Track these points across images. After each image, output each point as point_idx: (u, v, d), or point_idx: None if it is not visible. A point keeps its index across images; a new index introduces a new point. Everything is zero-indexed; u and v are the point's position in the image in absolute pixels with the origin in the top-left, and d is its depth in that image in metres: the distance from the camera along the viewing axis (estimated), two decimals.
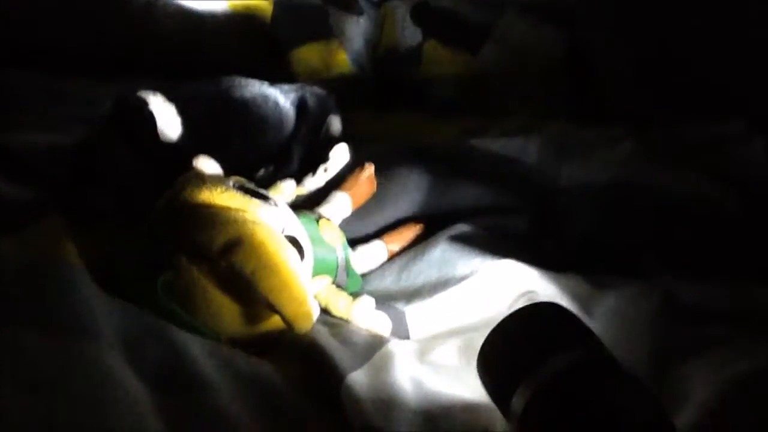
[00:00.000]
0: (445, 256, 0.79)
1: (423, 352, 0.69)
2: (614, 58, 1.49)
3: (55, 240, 0.64)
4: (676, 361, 0.68)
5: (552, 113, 1.30)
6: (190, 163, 0.78)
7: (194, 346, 0.60)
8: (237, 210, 0.67)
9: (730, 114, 1.25)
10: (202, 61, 1.19)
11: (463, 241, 0.81)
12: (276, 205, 0.72)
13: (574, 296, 0.75)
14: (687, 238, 0.88)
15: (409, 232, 0.86)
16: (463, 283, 0.76)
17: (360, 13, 1.49)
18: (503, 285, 0.75)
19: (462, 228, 0.83)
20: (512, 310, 0.62)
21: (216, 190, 0.68)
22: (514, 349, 0.58)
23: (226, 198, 0.68)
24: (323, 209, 0.83)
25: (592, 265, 0.82)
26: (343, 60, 1.40)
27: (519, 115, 1.26)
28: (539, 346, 0.56)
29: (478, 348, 0.60)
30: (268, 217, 0.68)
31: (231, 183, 0.71)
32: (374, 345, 0.69)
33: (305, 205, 0.84)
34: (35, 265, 0.60)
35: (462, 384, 0.64)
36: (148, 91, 0.85)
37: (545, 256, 0.80)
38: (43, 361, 0.50)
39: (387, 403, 0.60)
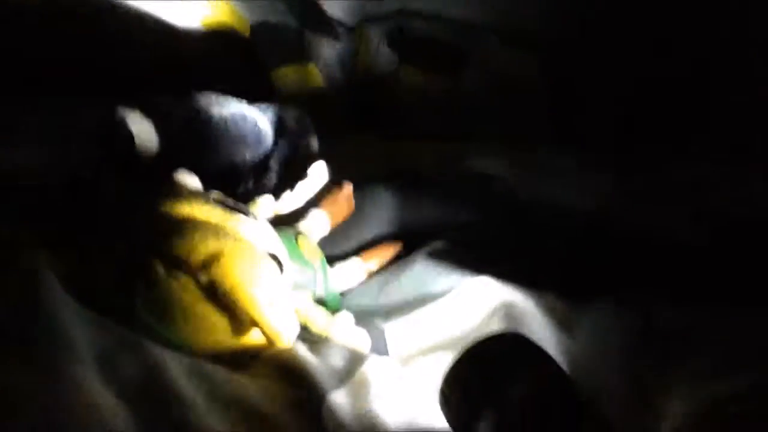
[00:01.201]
0: (422, 273, 0.80)
1: (402, 370, 0.69)
2: (595, 87, 1.52)
3: (28, 249, 0.63)
4: (654, 381, 0.69)
5: (531, 140, 1.32)
6: (169, 178, 0.77)
7: (172, 362, 0.59)
8: (217, 224, 0.67)
9: (704, 146, 1.29)
10: (180, 77, 1.19)
11: (441, 257, 0.81)
12: (255, 219, 0.71)
13: (551, 314, 0.76)
14: (662, 267, 0.90)
15: (387, 251, 0.86)
16: (441, 299, 0.76)
17: (336, 37, 1.50)
18: (480, 301, 0.76)
19: (439, 245, 0.84)
20: (487, 327, 0.62)
21: (196, 203, 0.68)
22: (474, 379, 0.58)
23: (206, 212, 0.67)
24: (302, 226, 0.83)
25: (569, 285, 0.83)
26: (319, 83, 1.41)
27: (497, 141, 1.27)
28: (498, 377, 0.56)
29: None
30: (248, 232, 0.68)
31: (211, 197, 0.70)
32: (354, 363, 0.68)
33: (284, 222, 0.84)
34: (5, 275, 0.58)
35: None
36: (125, 107, 0.85)
37: (522, 274, 0.80)
38: (12, 374, 0.49)
39: (369, 427, 0.60)
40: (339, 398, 0.62)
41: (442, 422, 0.62)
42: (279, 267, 0.69)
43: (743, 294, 0.84)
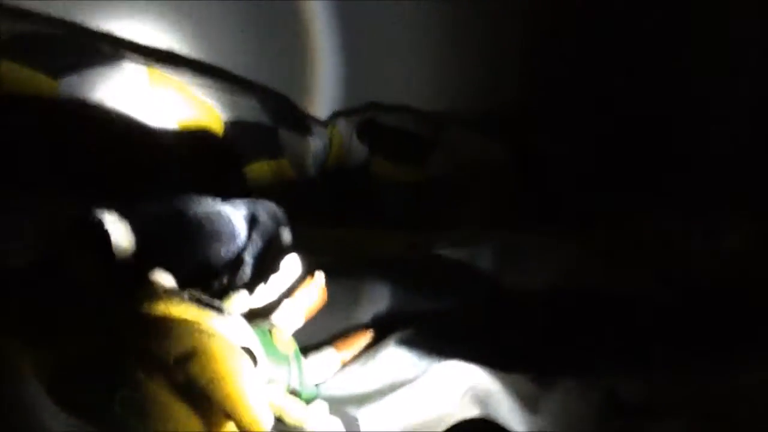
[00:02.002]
0: (394, 360, 0.82)
1: None
2: (559, 160, 1.58)
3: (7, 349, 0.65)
4: None
5: (500, 217, 1.36)
6: (145, 277, 0.80)
7: None
8: (192, 322, 0.69)
9: (670, 208, 1.34)
10: (156, 176, 1.23)
11: (411, 344, 0.84)
12: (229, 315, 0.74)
13: (520, 394, 0.78)
14: (629, 335, 0.93)
15: (360, 339, 0.88)
16: (412, 384, 0.78)
17: (309, 132, 1.56)
18: (450, 384, 0.78)
19: (409, 333, 0.86)
20: (457, 410, 0.64)
21: (172, 302, 0.70)
22: None
23: (182, 310, 0.70)
24: (275, 319, 0.86)
25: (537, 364, 0.86)
26: (292, 177, 1.46)
27: (468, 224, 1.31)
28: None
29: None
30: (223, 328, 0.70)
31: (186, 295, 0.73)
32: None
33: (258, 315, 0.86)
34: None
35: None
36: (102, 210, 0.88)
37: (490, 357, 0.83)
38: None
39: None
40: None
41: None
42: (253, 361, 0.71)
43: (712, 354, 0.87)
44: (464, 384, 0.78)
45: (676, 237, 1.21)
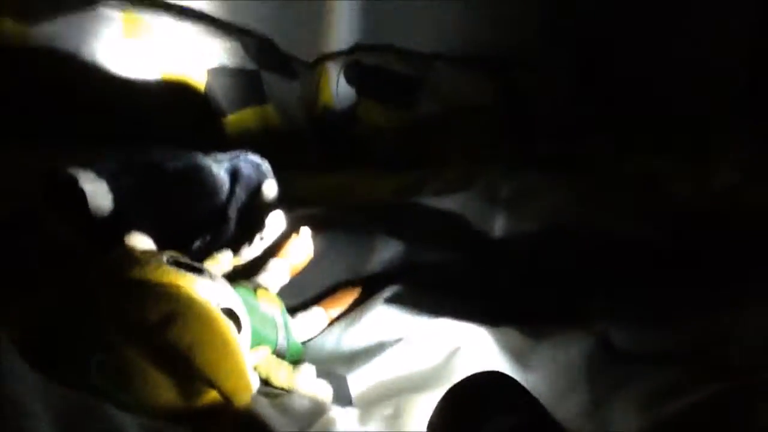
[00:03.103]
0: (381, 320, 0.80)
1: (364, 420, 0.69)
2: (545, 97, 1.56)
3: None
4: (607, 401, 0.70)
5: (490, 158, 1.34)
6: (123, 237, 0.77)
7: (131, 426, 0.59)
8: (171, 285, 0.67)
9: (658, 148, 1.32)
10: (136, 128, 1.19)
11: (399, 302, 0.82)
12: (211, 277, 0.71)
13: (509, 349, 0.77)
14: (621, 279, 0.91)
15: (347, 297, 0.86)
16: (401, 343, 0.77)
17: (294, 76, 1.51)
18: (439, 342, 0.76)
19: (396, 289, 0.85)
20: (447, 368, 0.63)
21: (149, 266, 0.67)
22: (458, 418, 0.60)
23: (160, 274, 0.67)
24: (261, 278, 0.84)
25: (528, 314, 0.84)
26: (278, 123, 1.42)
27: (457, 166, 1.29)
28: (481, 413, 0.58)
29: (416, 409, 0.62)
30: (203, 291, 0.68)
31: (164, 258, 0.70)
32: (315, 413, 0.69)
33: (243, 275, 0.84)
34: None
35: None
36: (77, 168, 0.85)
37: (480, 310, 0.81)
38: None
39: None
40: None
41: None
42: (237, 324, 0.69)
43: (703, 296, 0.86)
44: (454, 342, 0.76)
45: (663, 176, 1.19)
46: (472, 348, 0.76)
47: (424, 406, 0.67)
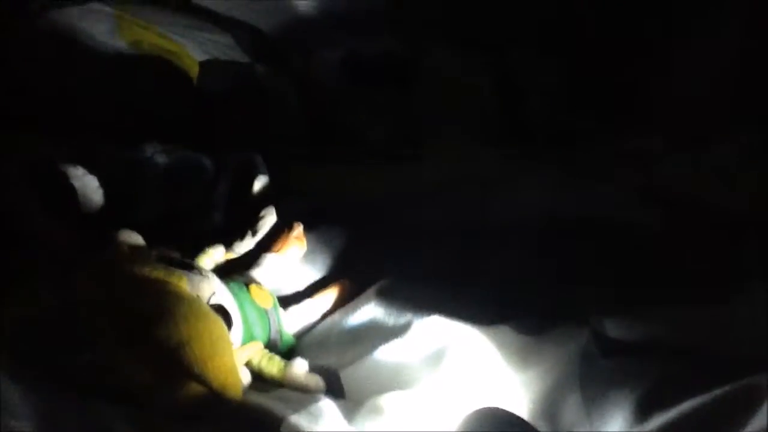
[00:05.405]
0: (374, 314, 0.79)
1: (353, 413, 0.69)
2: (540, 78, 1.55)
3: None
4: (602, 398, 0.70)
5: (485, 141, 1.33)
6: (113, 233, 0.77)
7: (119, 421, 0.59)
8: (160, 282, 0.67)
9: (650, 130, 1.31)
10: (127, 122, 1.18)
11: (391, 296, 0.81)
12: (201, 273, 0.71)
13: (506, 349, 0.76)
14: (613, 267, 0.91)
15: (340, 290, 0.86)
16: (394, 340, 0.76)
17: (287, 68, 1.50)
18: (432, 340, 0.75)
19: (389, 283, 0.84)
20: (439, 367, 0.63)
21: (138, 263, 0.67)
22: None
23: (149, 271, 0.67)
24: (254, 273, 0.83)
25: (522, 308, 0.84)
26: (272, 115, 1.41)
27: (450, 152, 1.28)
28: None
29: (406, 405, 0.62)
30: (193, 288, 0.68)
31: (154, 254, 0.70)
32: (308, 399, 0.69)
33: (235, 269, 0.84)
34: None
35: None
36: (68, 164, 0.84)
37: (474, 305, 0.81)
38: None
39: None
40: (296, 420, 0.64)
41: None
42: (227, 320, 0.69)
43: (696, 287, 0.86)
44: (447, 340, 0.75)
45: (657, 155, 1.19)
46: (467, 346, 0.75)
47: (414, 402, 0.67)
